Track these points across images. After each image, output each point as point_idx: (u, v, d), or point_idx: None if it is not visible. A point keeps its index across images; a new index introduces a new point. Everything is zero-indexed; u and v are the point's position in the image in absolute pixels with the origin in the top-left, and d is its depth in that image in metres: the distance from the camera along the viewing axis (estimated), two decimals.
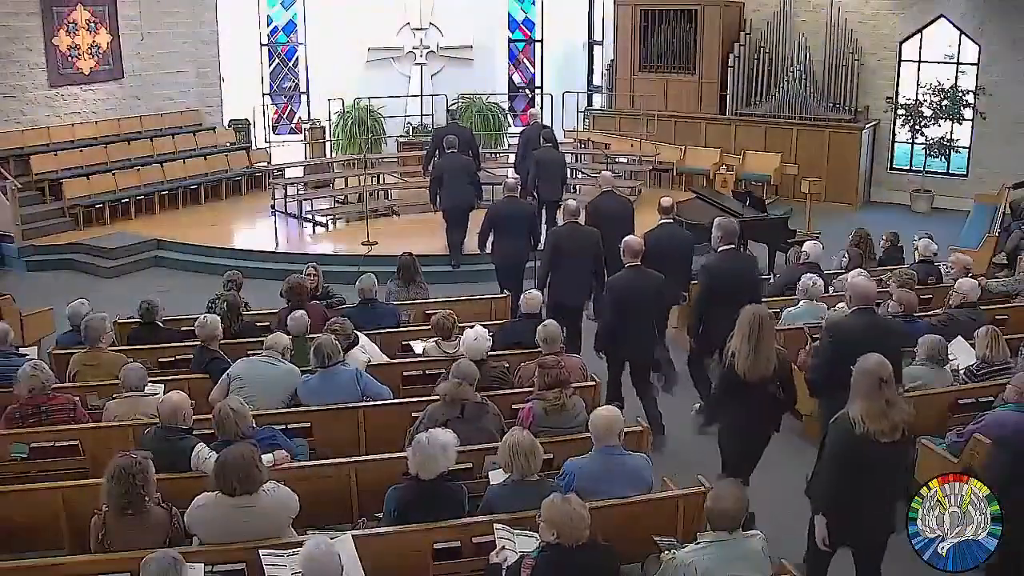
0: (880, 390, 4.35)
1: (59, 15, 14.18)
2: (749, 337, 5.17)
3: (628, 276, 6.83)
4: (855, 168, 15.10)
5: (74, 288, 10.67)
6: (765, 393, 5.27)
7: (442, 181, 11.39)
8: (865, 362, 4.45)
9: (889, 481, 4.48)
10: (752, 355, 5.16)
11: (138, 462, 4.15)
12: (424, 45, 17.38)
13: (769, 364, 5.23)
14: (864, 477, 4.39)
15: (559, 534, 3.74)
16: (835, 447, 4.48)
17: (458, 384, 5.28)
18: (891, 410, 4.35)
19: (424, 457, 4.38)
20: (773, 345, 5.27)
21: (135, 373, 5.82)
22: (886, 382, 4.36)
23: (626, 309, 6.67)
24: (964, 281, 7.44)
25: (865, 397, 4.37)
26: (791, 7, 15.59)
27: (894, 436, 4.35)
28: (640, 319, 6.72)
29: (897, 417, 4.36)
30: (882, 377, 4.36)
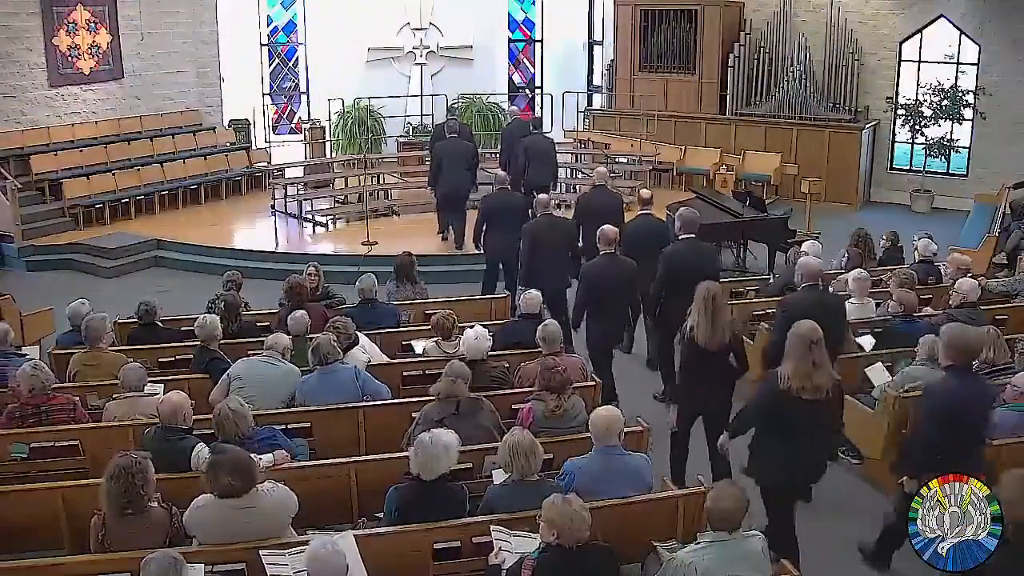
0: (809, 352, 4.74)
1: (59, 15, 14.18)
2: (705, 311, 5.61)
3: (602, 263, 7.24)
4: (855, 168, 15.09)
5: (74, 288, 10.67)
6: (722, 361, 5.71)
7: (441, 166, 11.61)
8: (798, 327, 4.87)
9: (811, 434, 4.87)
10: (709, 327, 5.60)
11: (138, 462, 4.14)
12: (424, 45, 17.38)
13: (725, 334, 5.66)
14: (786, 428, 4.84)
15: (559, 535, 3.75)
16: (762, 397, 4.98)
17: (452, 382, 5.29)
18: (817, 372, 4.74)
19: (427, 457, 4.38)
20: (727, 317, 5.73)
21: (135, 373, 5.82)
22: (816, 344, 4.75)
23: (599, 293, 7.09)
24: (964, 281, 7.44)
25: (795, 358, 4.77)
26: (791, 7, 15.59)
27: (817, 395, 4.75)
28: (612, 302, 7.15)
29: (821, 379, 4.75)
30: (812, 340, 4.75)
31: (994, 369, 6.21)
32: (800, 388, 4.75)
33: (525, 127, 12.82)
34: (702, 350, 5.64)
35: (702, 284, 5.79)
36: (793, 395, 4.76)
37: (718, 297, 5.65)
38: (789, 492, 5.11)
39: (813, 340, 4.76)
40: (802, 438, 4.85)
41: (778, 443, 4.91)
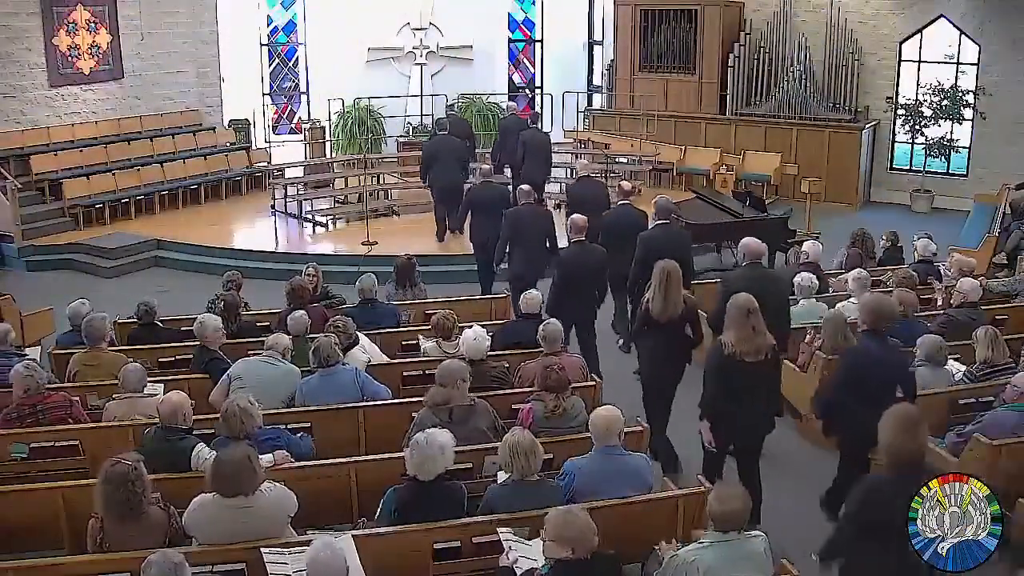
0: (747, 319, 5.30)
1: (59, 15, 14.19)
2: (660, 286, 6.16)
3: (573, 250, 7.83)
4: (855, 168, 15.09)
5: (74, 288, 10.68)
6: (675, 331, 6.28)
7: (431, 164, 12.02)
8: (735, 299, 5.41)
9: (755, 393, 5.39)
10: (663, 300, 6.15)
11: (133, 468, 4.12)
12: (424, 45, 17.39)
13: (677, 308, 6.21)
14: (734, 389, 5.35)
15: (575, 549, 3.68)
16: (710, 363, 5.48)
17: (442, 389, 5.27)
18: (755, 337, 5.29)
19: (423, 458, 4.38)
20: (680, 292, 6.24)
21: (135, 375, 5.81)
22: (752, 313, 5.30)
23: (571, 278, 7.57)
24: (965, 281, 7.44)
25: (735, 326, 5.32)
26: (791, 7, 15.59)
27: (757, 357, 5.31)
28: (583, 287, 7.60)
29: (760, 342, 5.32)
30: (749, 309, 5.31)
31: (994, 369, 6.21)
32: (742, 352, 5.28)
33: (522, 123, 13.03)
34: (655, 321, 6.20)
35: (659, 262, 6.31)
36: (736, 359, 5.29)
37: (672, 275, 6.16)
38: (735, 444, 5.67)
39: (750, 309, 5.30)
40: (746, 397, 5.39)
41: (725, 402, 5.42)
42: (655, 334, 6.29)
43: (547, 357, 6.10)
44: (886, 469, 4.03)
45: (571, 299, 7.50)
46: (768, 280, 6.57)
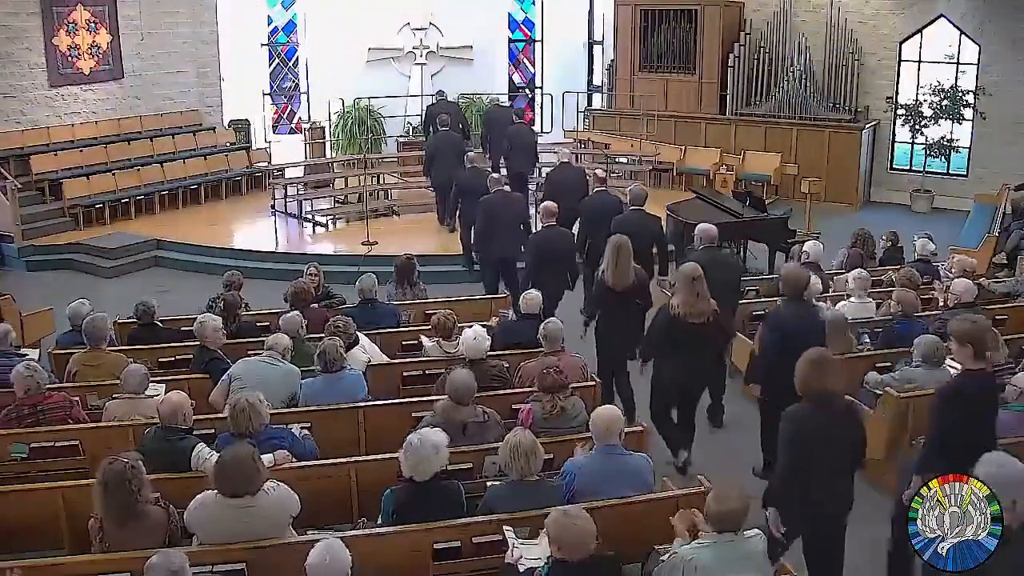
0: (692, 286, 6.03)
1: (59, 15, 14.19)
2: (612, 258, 6.83)
3: (544, 233, 8.44)
4: (855, 168, 15.10)
5: (74, 288, 10.68)
6: (627, 299, 6.91)
7: (434, 158, 12.43)
8: (683, 267, 6.23)
9: (697, 350, 6.15)
10: (615, 270, 6.81)
11: (131, 467, 4.12)
12: (424, 45, 17.39)
13: (628, 278, 6.84)
14: (679, 345, 6.09)
15: (561, 550, 3.70)
16: (657, 321, 6.28)
17: (458, 407, 5.26)
18: (699, 301, 6.02)
19: (417, 459, 4.37)
20: (631, 265, 6.91)
21: (135, 377, 5.80)
22: (697, 280, 6.02)
23: (542, 258, 8.23)
24: (959, 282, 7.41)
25: (682, 292, 6.07)
26: (791, 7, 15.60)
27: (700, 319, 6.04)
28: (553, 266, 8.20)
29: (703, 307, 6.04)
30: (694, 277, 6.04)
31: (994, 369, 6.19)
32: (687, 314, 6.03)
33: (508, 114, 13.60)
34: (610, 289, 6.84)
35: (612, 237, 7.02)
36: (681, 320, 6.04)
37: (623, 248, 6.84)
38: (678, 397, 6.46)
39: (694, 277, 6.05)
40: (689, 355, 6.12)
41: (671, 359, 6.19)
42: (611, 302, 6.94)
43: (547, 357, 6.10)
44: (803, 402, 4.64)
45: (542, 278, 8.07)
46: (720, 262, 7.24)
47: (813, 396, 4.59)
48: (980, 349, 4.80)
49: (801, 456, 4.58)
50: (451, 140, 12.52)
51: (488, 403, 5.56)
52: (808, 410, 4.59)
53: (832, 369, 4.62)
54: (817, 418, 4.55)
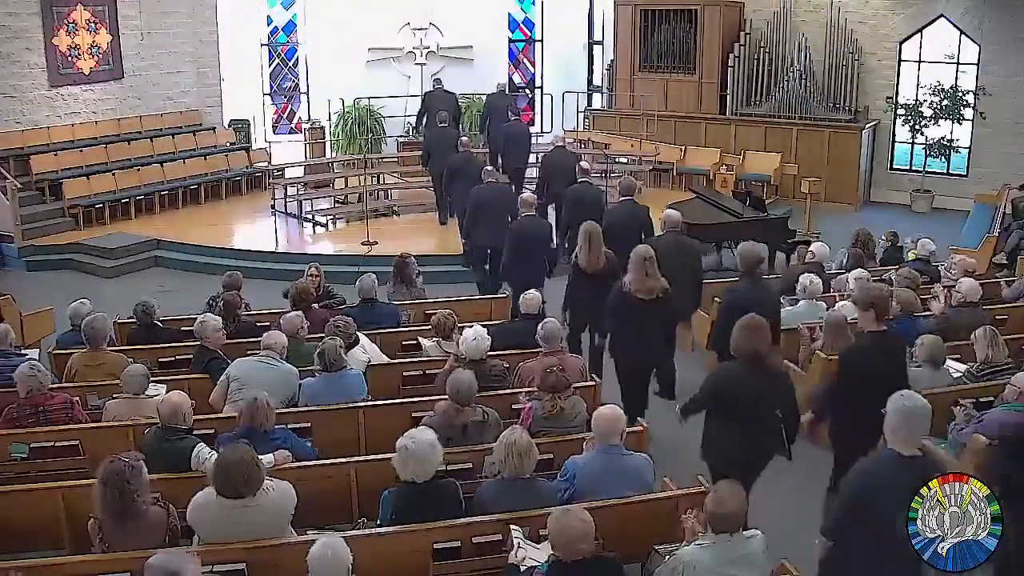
0: (643, 265, 6.55)
1: (59, 15, 14.19)
2: (585, 243, 7.39)
3: (522, 222, 9.03)
4: (855, 168, 15.10)
5: (74, 288, 10.67)
6: (599, 281, 7.28)
7: (431, 151, 12.88)
8: (636, 250, 6.70)
9: (647, 325, 6.63)
10: (587, 254, 7.36)
11: (130, 466, 4.12)
12: (424, 45, 17.39)
13: (599, 261, 7.38)
14: (630, 321, 6.64)
15: (563, 550, 3.70)
16: (612, 299, 6.74)
17: (458, 408, 5.27)
18: (648, 279, 6.54)
19: (416, 461, 4.35)
20: (601, 248, 7.41)
21: (135, 379, 5.79)
22: (648, 260, 6.56)
23: (521, 245, 8.73)
24: (964, 281, 7.44)
25: (633, 271, 6.58)
26: (791, 7, 15.60)
27: (649, 296, 6.54)
28: (532, 253, 8.71)
29: (652, 285, 6.55)
30: (645, 258, 6.58)
31: (994, 369, 6.20)
32: (636, 291, 6.55)
33: (507, 101, 14.08)
34: (583, 272, 7.43)
35: (585, 223, 7.55)
36: (632, 296, 6.57)
37: (594, 233, 7.40)
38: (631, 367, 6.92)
39: (646, 258, 6.60)
40: (640, 329, 6.65)
41: (624, 331, 6.76)
42: (583, 283, 7.49)
43: (546, 357, 6.10)
44: (736, 361, 5.24)
45: (521, 264, 8.71)
46: (684, 246, 7.94)
47: (743, 356, 5.18)
48: (881, 313, 5.50)
49: (728, 408, 5.21)
50: (448, 134, 12.81)
51: (488, 403, 5.56)
52: (737, 367, 5.23)
53: (762, 334, 5.18)
54: (744, 375, 5.16)
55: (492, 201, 9.79)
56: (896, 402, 3.96)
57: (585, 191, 10.00)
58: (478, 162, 11.70)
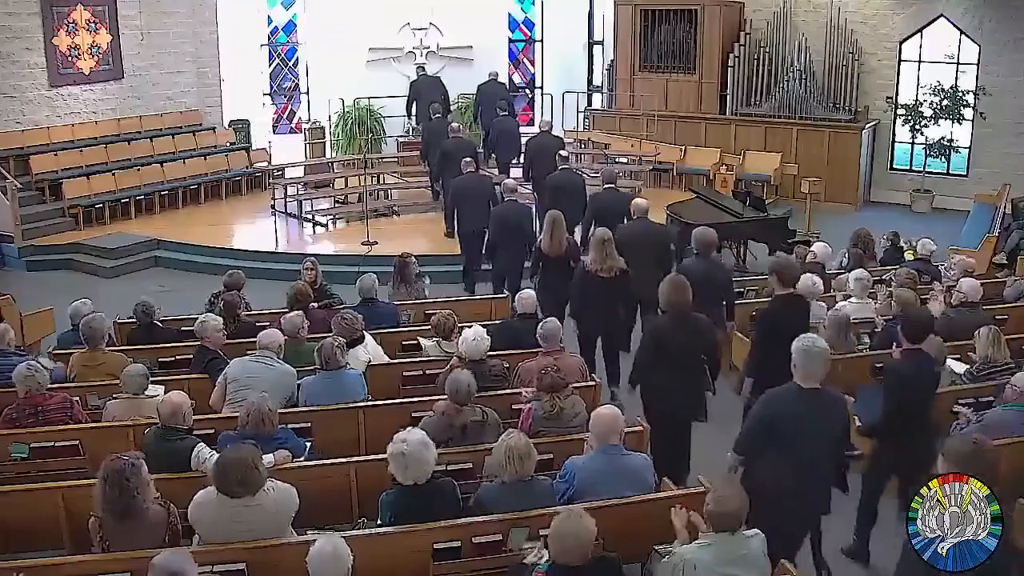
0: (602, 247, 7.36)
1: (59, 15, 14.19)
2: (548, 228, 8.08)
3: (503, 207, 9.67)
4: (855, 168, 15.09)
5: (74, 288, 10.67)
6: (561, 264, 8.09)
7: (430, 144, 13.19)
8: (596, 232, 7.67)
9: (608, 301, 7.40)
10: (550, 239, 8.05)
11: (131, 464, 4.12)
12: (424, 45, 17.39)
13: (561, 245, 8.09)
14: (594, 297, 7.40)
15: (563, 552, 3.70)
16: (576, 277, 7.60)
17: (457, 408, 5.27)
18: (607, 259, 7.34)
19: (414, 463, 4.34)
20: (564, 234, 8.15)
21: (135, 379, 5.79)
22: (607, 242, 7.37)
23: (501, 231, 9.27)
24: (965, 281, 7.43)
25: (594, 250, 7.42)
26: (791, 7, 15.60)
27: (610, 274, 7.33)
28: (512, 238, 9.21)
29: (611, 263, 7.34)
30: (604, 239, 7.39)
31: (994, 368, 6.20)
32: (598, 269, 7.33)
33: (497, 89, 14.39)
34: (545, 254, 8.11)
35: (550, 212, 8.32)
36: (594, 274, 7.35)
37: (557, 220, 8.10)
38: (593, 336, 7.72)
39: (604, 239, 7.40)
40: (600, 303, 7.41)
41: (586, 305, 7.50)
42: (547, 267, 8.18)
43: (545, 357, 6.09)
44: (665, 315, 6.14)
45: (503, 247, 9.26)
46: (648, 230, 8.47)
47: (671, 309, 6.07)
48: (787, 279, 6.47)
49: (656, 355, 6.06)
50: (442, 125, 13.00)
51: (488, 403, 5.56)
52: (665, 319, 6.16)
53: (685, 291, 6.03)
54: (673, 326, 6.04)
55: (472, 190, 10.49)
56: (798, 344, 4.73)
57: (567, 179, 10.63)
58: (469, 146, 12.10)
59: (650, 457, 5.05)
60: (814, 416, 4.67)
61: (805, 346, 4.70)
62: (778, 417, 4.71)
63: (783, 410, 4.72)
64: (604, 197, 9.76)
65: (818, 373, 4.68)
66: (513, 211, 9.51)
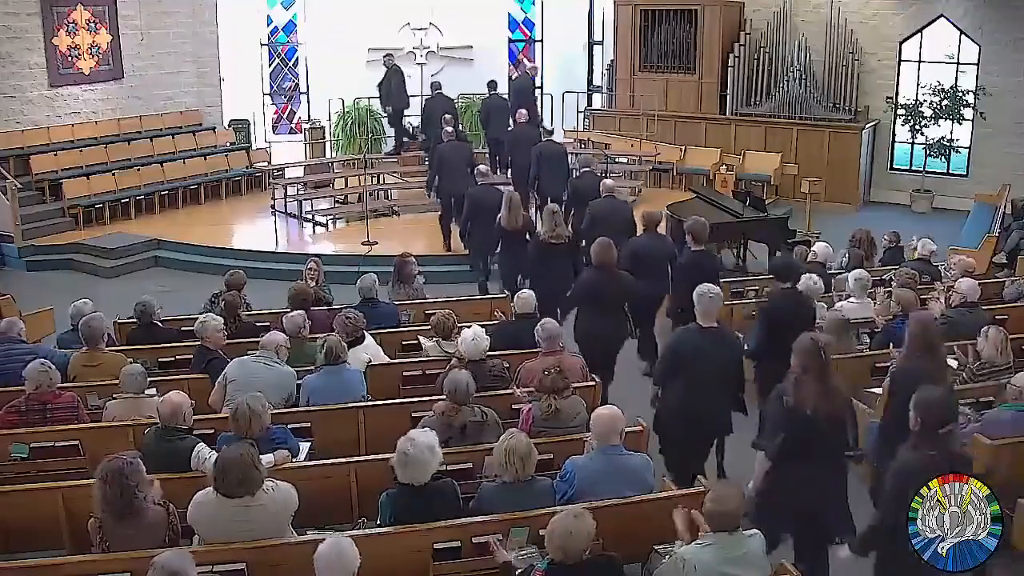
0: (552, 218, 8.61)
1: (59, 15, 14.20)
2: (507, 206, 9.19)
3: (478, 189, 10.65)
4: (855, 168, 15.09)
5: (74, 288, 10.68)
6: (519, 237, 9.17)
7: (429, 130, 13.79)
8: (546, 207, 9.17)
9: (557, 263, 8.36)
10: (508, 216, 9.17)
11: (129, 462, 4.12)
12: (424, 45, 17.39)
13: (518, 221, 9.19)
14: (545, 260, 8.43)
15: (562, 552, 3.71)
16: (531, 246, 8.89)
17: (455, 407, 5.27)
18: (556, 228, 8.50)
19: (415, 465, 4.34)
20: (521, 211, 9.34)
21: (135, 379, 5.79)
22: (555, 213, 8.71)
23: (475, 211, 10.14)
24: (963, 281, 7.41)
25: (545, 222, 8.66)
26: (791, 7, 15.60)
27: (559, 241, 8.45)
28: (484, 218, 9.86)
29: (560, 231, 8.51)
30: (552, 212, 8.72)
31: (992, 369, 6.20)
32: (549, 237, 8.47)
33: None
34: (504, 229, 9.22)
35: (506, 192, 9.70)
36: (546, 241, 8.49)
37: (514, 199, 9.29)
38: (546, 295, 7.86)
39: (553, 212, 8.71)
40: (551, 266, 8.35)
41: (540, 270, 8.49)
42: (507, 239, 9.26)
43: (546, 357, 6.09)
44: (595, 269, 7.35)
45: (477, 228, 10.07)
46: (613, 206, 9.49)
47: (599, 265, 7.29)
48: (698, 238, 7.82)
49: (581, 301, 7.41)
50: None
51: (488, 403, 5.56)
52: (594, 273, 7.36)
53: (611, 251, 7.26)
54: (600, 279, 7.29)
55: (453, 156, 11.78)
56: (697, 290, 5.81)
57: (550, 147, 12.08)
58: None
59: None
60: (712, 349, 5.73)
61: (702, 292, 5.75)
62: (684, 351, 5.77)
63: (688, 345, 5.78)
64: (583, 180, 10.86)
65: (713, 314, 5.78)
66: (487, 193, 10.36)
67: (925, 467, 4.04)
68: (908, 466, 4.15)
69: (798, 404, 4.75)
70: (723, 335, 5.87)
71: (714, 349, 5.70)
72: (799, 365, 4.82)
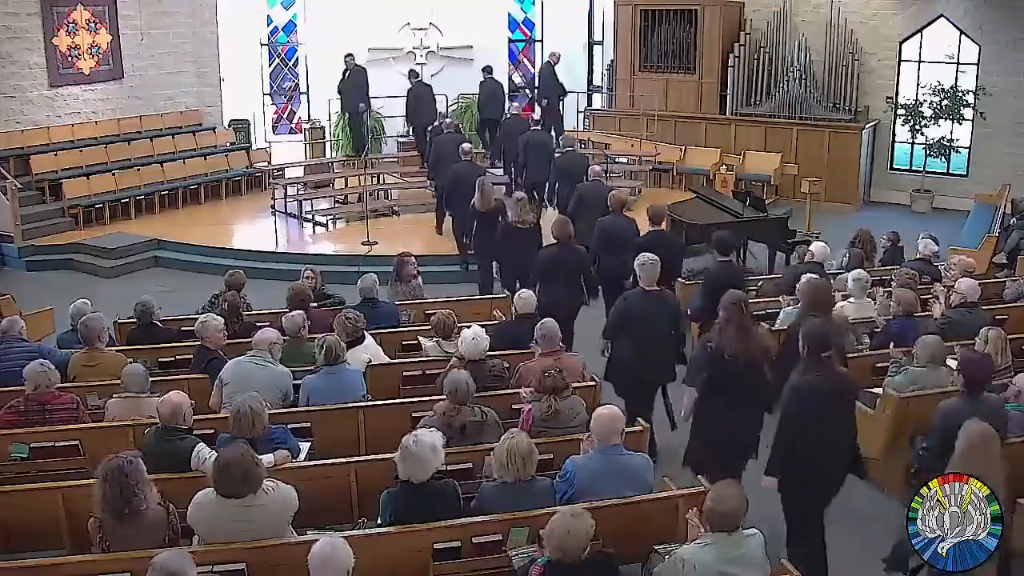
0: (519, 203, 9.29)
1: (59, 15, 14.20)
2: (479, 190, 9.85)
3: (459, 166, 11.38)
4: (855, 168, 15.09)
5: (74, 288, 10.67)
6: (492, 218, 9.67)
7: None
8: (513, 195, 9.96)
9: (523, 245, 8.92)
10: (481, 198, 9.85)
11: (128, 461, 4.12)
12: (424, 45, 17.39)
13: (490, 203, 9.82)
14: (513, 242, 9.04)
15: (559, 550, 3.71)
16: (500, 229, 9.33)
17: (456, 407, 5.27)
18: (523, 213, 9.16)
19: (415, 461, 4.35)
20: (492, 194, 10.03)
21: (136, 379, 5.79)
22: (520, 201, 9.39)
23: (455, 186, 11.08)
24: (963, 281, 7.41)
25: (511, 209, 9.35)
26: (791, 7, 15.60)
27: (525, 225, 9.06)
28: (464, 194, 10.45)
29: (526, 218, 9.16)
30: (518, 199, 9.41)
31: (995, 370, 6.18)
32: (516, 222, 9.10)
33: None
34: (479, 211, 9.83)
35: (478, 178, 10.20)
36: (513, 225, 9.11)
37: (486, 183, 10.02)
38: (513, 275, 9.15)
39: (518, 199, 9.42)
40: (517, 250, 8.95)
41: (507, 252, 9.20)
42: (481, 220, 9.83)
43: (546, 358, 6.08)
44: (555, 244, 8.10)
45: (458, 200, 10.87)
46: (597, 188, 10.21)
47: (557, 240, 8.06)
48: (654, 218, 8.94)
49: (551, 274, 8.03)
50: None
51: (488, 403, 5.56)
52: (554, 247, 8.09)
53: (568, 227, 8.14)
54: (558, 252, 8.03)
55: (447, 146, 12.34)
56: (638, 260, 6.75)
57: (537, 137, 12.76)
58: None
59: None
60: (654, 309, 6.65)
61: (642, 260, 6.73)
62: (629, 311, 6.69)
63: (633, 306, 6.72)
64: (566, 158, 11.96)
65: (653, 279, 6.66)
66: (467, 169, 11.18)
67: (813, 387, 5.01)
68: (800, 387, 5.02)
69: (719, 348, 5.53)
70: (663, 297, 6.79)
71: (655, 309, 6.65)
72: (724, 317, 5.62)
